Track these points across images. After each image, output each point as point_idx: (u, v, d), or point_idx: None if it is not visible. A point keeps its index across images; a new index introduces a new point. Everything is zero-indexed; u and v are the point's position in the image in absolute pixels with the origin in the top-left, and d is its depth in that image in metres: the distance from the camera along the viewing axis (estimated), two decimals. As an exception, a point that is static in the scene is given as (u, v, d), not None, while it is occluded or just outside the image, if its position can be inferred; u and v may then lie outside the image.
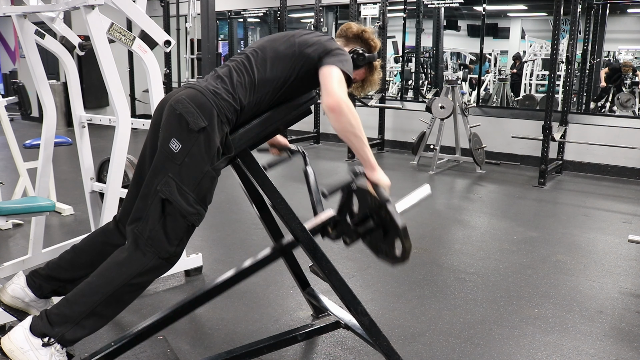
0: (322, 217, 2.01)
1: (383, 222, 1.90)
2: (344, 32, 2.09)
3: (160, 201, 1.74)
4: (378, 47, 2.10)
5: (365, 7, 7.47)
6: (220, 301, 2.91)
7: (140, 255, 1.74)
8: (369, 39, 2.07)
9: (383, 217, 1.88)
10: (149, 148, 1.87)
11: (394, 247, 1.90)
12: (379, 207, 1.87)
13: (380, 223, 1.91)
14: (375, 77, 2.12)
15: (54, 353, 1.67)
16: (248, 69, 1.88)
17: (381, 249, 1.97)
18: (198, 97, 1.77)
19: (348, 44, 2.06)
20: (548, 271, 3.39)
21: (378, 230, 1.94)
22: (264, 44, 1.97)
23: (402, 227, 1.80)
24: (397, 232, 1.83)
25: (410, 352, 2.42)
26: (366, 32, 2.07)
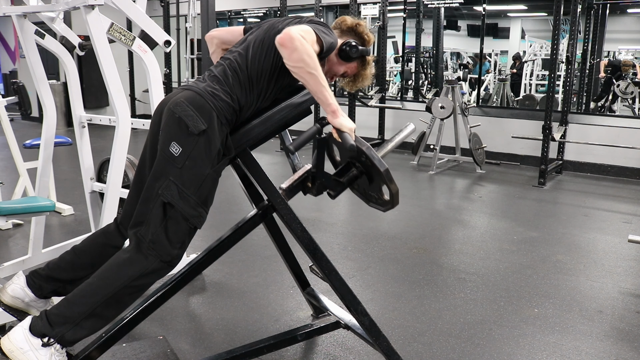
0: (298, 173, 1.96)
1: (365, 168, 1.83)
2: (339, 24, 2.07)
3: (162, 205, 1.73)
4: (372, 41, 2.07)
5: (365, 7, 7.47)
6: (220, 301, 2.91)
7: (142, 258, 1.74)
8: (363, 33, 2.04)
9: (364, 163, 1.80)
10: (149, 151, 1.87)
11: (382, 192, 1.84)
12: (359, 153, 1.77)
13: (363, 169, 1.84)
14: (368, 72, 2.08)
15: (54, 353, 1.67)
16: (242, 65, 1.86)
17: (370, 196, 1.93)
18: (197, 100, 1.77)
19: (342, 36, 2.04)
20: (548, 271, 3.39)
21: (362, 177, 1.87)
22: (251, 38, 1.95)
23: (384, 170, 1.73)
24: (380, 177, 1.77)
25: (410, 352, 2.42)
26: (360, 25, 2.05)
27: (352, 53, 1.99)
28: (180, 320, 2.71)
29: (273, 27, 1.92)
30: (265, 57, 1.86)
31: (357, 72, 2.07)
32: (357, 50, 2.00)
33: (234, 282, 3.16)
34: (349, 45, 1.98)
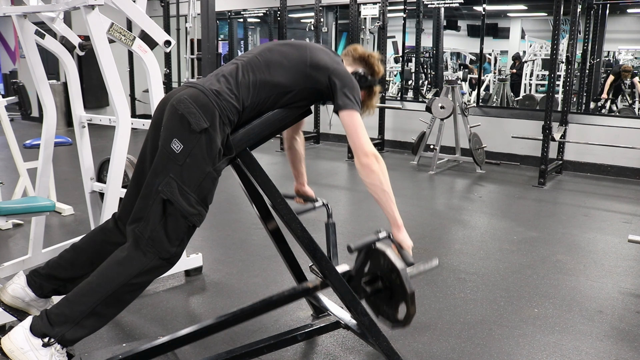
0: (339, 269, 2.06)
1: (392, 285, 1.96)
2: (350, 52, 2.12)
3: (162, 202, 1.74)
4: (381, 74, 2.13)
5: (365, 7, 7.47)
6: (220, 301, 2.91)
7: (140, 255, 1.74)
8: (374, 65, 2.10)
9: (393, 280, 1.94)
10: (150, 147, 1.86)
11: (397, 311, 1.97)
12: (391, 270, 1.94)
13: (389, 285, 1.98)
14: (373, 103, 2.14)
15: (54, 353, 1.67)
16: (255, 69, 1.88)
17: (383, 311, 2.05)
18: (200, 98, 1.77)
19: (352, 64, 2.09)
20: (548, 271, 3.39)
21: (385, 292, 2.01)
22: (274, 47, 1.99)
23: (411, 292, 1.87)
24: (404, 297, 1.90)
25: (410, 352, 2.42)
26: (372, 57, 2.11)
27: (362, 83, 2.04)
28: (180, 320, 2.71)
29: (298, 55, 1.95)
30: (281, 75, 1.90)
31: (363, 101, 2.09)
32: (367, 81, 2.07)
33: (234, 282, 3.16)
34: (359, 75, 2.05)
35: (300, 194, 2.41)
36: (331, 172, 6.38)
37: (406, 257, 1.91)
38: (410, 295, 1.86)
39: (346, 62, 2.09)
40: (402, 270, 1.90)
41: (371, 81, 2.08)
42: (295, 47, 1.99)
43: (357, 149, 1.88)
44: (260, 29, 12.10)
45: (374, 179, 1.86)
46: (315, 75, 1.92)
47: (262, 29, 12.04)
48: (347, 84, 1.91)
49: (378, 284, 2.05)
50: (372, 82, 2.09)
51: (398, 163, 6.88)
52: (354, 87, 1.93)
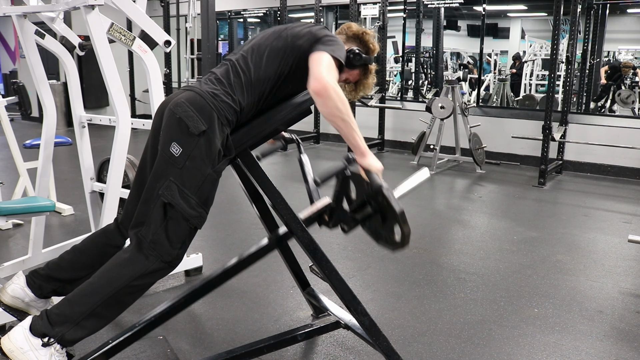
0: (317, 205, 1.99)
1: (380, 208, 1.87)
2: (344, 30, 2.09)
3: (163, 205, 1.74)
4: (376, 51, 2.09)
5: (365, 7, 7.47)
6: (220, 301, 2.91)
7: (142, 258, 1.74)
8: (368, 42, 2.06)
9: (380, 203, 1.85)
10: (150, 152, 1.87)
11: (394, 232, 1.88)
12: (376, 193, 1.84)
13: (378, 208, 1.89)
14: (370, 81, 2.10)
15: (54, 353, 1.67)
16: (244, 68, 1.87)
17: (381, 235, 1.96)
18: (197, 100, 1.77)
19: (347, 42, 2.05)
20: (548, 271, 3.39)
21: (376, 216, 1.92)
22: (257, 41, 1.96)
23: (400, 211, 1.78)
24: (395, 217, 1.81)
25: (410, 352, 2.42)
26: (367, 34, 2.07)
27: (356, 60, 2.00)
28: (180, 320, 2.71)
29: (280, 35, 1.93)
30: (271, 62, 1.88)
31: (359, 80, 2.08)
32: (361, 58, 2.02)
33: (234, 282, 3.15)
34: (353, 52, 2.00)
35: None
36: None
37: (374, 179, 1.81)
38: (400, 215, 1.78)
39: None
40: (386, 190, 1.81)
41: (366, 59, 2.04)
42: (274, 32, 1.97)
43: (312, 75, 1.75)
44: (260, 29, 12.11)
45: (331, 107, 1.74)
46: (300, 43, 1.87)
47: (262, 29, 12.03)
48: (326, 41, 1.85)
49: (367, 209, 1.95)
50: (367, 60, 2.04)
51: (398, 163, 6.88)
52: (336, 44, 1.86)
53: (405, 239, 1.84)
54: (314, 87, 1.74)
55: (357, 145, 1.83)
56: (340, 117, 1.76)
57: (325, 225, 2.02)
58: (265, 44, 1.92)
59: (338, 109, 1.75)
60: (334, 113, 1.75)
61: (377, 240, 1.98)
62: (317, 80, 1.73)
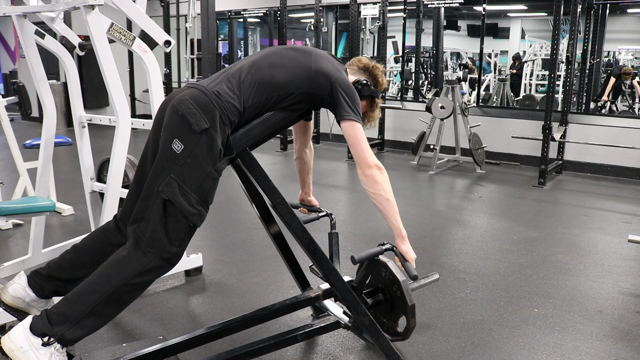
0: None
1: (392, 297, 1.98)
2: (355, 62, 2.15)
3: (162, 202, 1.74)
4: (384, 86, 2.16)
5: (365, 7, 7.47)
6: (220, 301, 2.91)
7: (141, 256, 1.74)
8: (377, 75, 2.13)
9: (393, 292, 1.96)
10: (151, 148, 1.87)
11: (397, 323, 1.99)
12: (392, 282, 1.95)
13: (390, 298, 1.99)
14: (375, 115, 2.15)
15: (54, 352, 1.67)
16: (258, 70, 1.90)
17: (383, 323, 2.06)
18: (201, 98, 1.78)
19: (356, 73, 2.11)
20: (548, 271, 3.39)
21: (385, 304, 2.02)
22: (281, 51, 2.01)
23: (411, 305, 1.88)
24: (404, 309, 1.91)
25: (410, 352, 2.42)
26: (377, 68, 2.13)
27: (364, 91, 2.06)
28: (180, 320, 2.71)
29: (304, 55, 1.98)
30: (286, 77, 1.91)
31: (365, 113, 2.10)
32: (369, 89, 2.08)
33: (234, 282, 3.16)
34: (361, 83, 2.06)
35: (305, 204, 2.43)
36: (331, 172, 6.38)
37: (409, 269, 1.90)
38: (410, 308, 1.88)
39: (350, 72, 2.11)
40: (403, 282, 1.91)
41: (373, 92, 2.10)
42: (299, 52, 2.01)
43: (361, 161, 1.90)
44: (260, 29, 12.10)
45: (378, 189, 1.88)
46: (318, 80, 1.93)
47: (262, 29, 12.04)
48: (348, 94, 1.93)
49: (379, 296, 2.06)
50: (374, 93, 2.10)
51: (398, 163, 6.88)
52: (355, 98, 1.95)
53: (409, 332, 1.95)
54: (368, 174, 1.88)
55: (398, 228, 1.94)
56: (385, 197, 1.89)
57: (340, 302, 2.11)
58: (287, 54, 1.97)
59: (385, 191, 1.89)
60: (380, 193, 1.89)
61: None
62: (369, 166, 1.88)
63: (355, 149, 1.91)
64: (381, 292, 2.05)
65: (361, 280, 2.06)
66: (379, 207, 1.92)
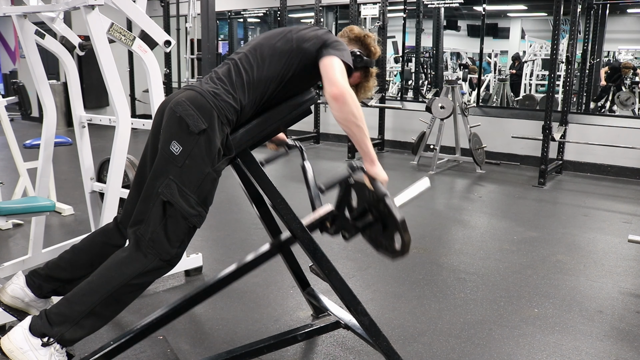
0: (320, 212, 2.00)
1: (382, 216, 1.89)
2: (346, 33, 2.10)
3: (162, 203, 1.74)
4: (377, 54, 2.10)
5: (365, 7, 7.47)
6: (220, 301, 2.91)
7: (141, 257, 1.74)
8: (370, 45, 2.08)
9: (381, 211, 1.87)
10: (150, 150, 1.87)
11: (394, 240, 1.89)
12: (378, 201, 1.85)
13: (379, 217, 1.90)
14: (370, 84, 2.10)
15: (54, 353, 1.67)
16: (246, 67, 1.88)
17: (381, 243, 1.97)
18: (198, 99, 1.77)
19: (348, 45, 2.04)
20: (548, 271, 3.39)
21: (377, 224, 1.93)
22: (260, 41, 1.97)
23: (401, 220, 1.79)
24: (395, 226, 1.82)
25: (410, 352, 2.42)
26: (369, 37, 2.08)
27: (357, 62, 2.01)
28: (180, 320, 2.70)
29: (285, 37, 1.93)
30: (274, 63, 1.88)
31: (360, 83, 2.08)
32: (362, 60, 2.03)
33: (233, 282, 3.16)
34: (354, 54, 2.01)
35: (273, 139, 2.33)
36: (331, 172, 6.39)
37: (378, 188, 1.82)
38: (401, 223, 1.80)
39: None
40: (388, 198, 1.82)
41: (367, 61, 2.05)
42: (279, 33, 1.97)
43: (329, 80, 1.78)
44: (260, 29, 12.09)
45: (347, 112, 1.77)
46: (304, 46, 1.88)
47: (262, 29, 12.03)
48: (335, 46, 1.86)
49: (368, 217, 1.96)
50: (368, 63, 2.05)
51: (398, 163, 6.88)
52: (344, 49, 1.88)
53: (406, 247, 1.86)
54: (331, 92, 1.77)
55: (368, 152, 1.86)
56: (355, 122, 1.79)
57: (327, 232, 2.03)
58: (269, 44, 1.93)
59: (353, 115, 1.78)
60: (349, 118, 1.78)
61: (377, 248, 2.00)
62: (335, 85, 1.76)
63: (327, 69, 1.79)
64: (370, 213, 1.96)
65: (339, 206, 1.98)
66: (349, 133, 1.82)
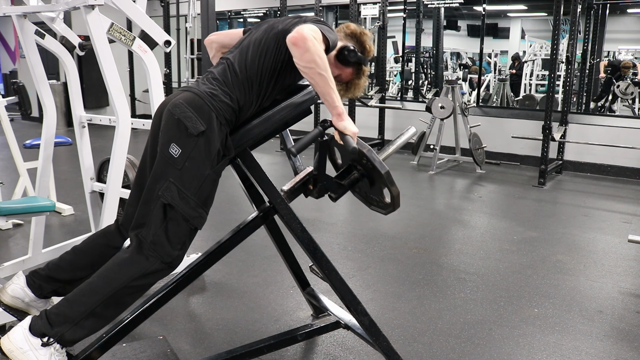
0: (300, 175, 1.97)
1: (366, 171, 1.84)
2: (342, 29, 2.07)
3: (162, 206, 1.74)
4: (372, 53, 2.07)
5: (365, 7, 7.47)
6: (220, 301, 2.91)
7: (143, 259, 1.74)
8: (365, 42, 2.05)
9: (365, 165, 1.82)
10: (150, 153, 1.87)
11: (383, 195, 1.85)
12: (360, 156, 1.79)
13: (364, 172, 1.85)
14: (362, 82, 2.07)
15: (54, 353, 1.67)
16: (241, 66, 1.86)
17: (372, 199, 1.94)
18: (196, 101, 1.77)
19: (343, 39, 2.03)
20: (548, 271, 3.39)
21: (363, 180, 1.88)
22: (250, 38, 1.95)
23: (385, 173, 1.75)
24: (381, 179, 1.78)
25: (410, 352, 2.42)
26: (364, 34, 2.05)
27: (350, 57, 1.97)
28: (180, 320, 2.71)
29: (272, 28, 1.92)
30: (265, 57, 1.87)
31: (351, 80, 2.05)
32: (355, 55, 1.99)
33: (234, 282, 3.16)
34: (348, 49, 1.98)
35: None
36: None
37: (348, 142, 1.76)
38: (386, 175, 1.74)
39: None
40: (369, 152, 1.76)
41: (360, 57, 2.00)
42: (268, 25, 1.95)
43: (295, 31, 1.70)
44: (260, 29, 12.08)
45: (308, 59, 1.68)
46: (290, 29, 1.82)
47: (262, 29, 12.02)
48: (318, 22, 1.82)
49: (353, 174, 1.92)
50: (361, 59, 2.01)
51: (398, 163, 6.88)
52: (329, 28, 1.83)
53: (395, 200, 1.80)
54: (291, 38, 1.69)
55: (333, 105, 1.77)
56: (317, 71, 1.70)
57: (312, 196, 1.97)
58: (260, 37, 1.91)
59: (315, 62, 1.69)
60: (310, 66, 1.70)
61: (369, 205, 1.96)
62: (296, 31, 1.69)
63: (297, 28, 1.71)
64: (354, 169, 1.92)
65: (319, 167, 1.93)
66: (312, 82, 1.74)
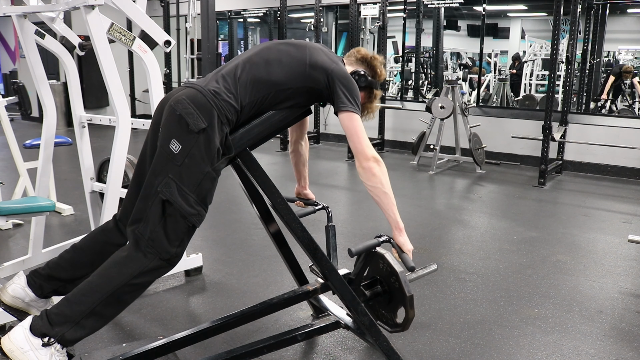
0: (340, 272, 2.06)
1: (390, 289, 1.98)
2: (353, 53, 2.13)
3: (161, 202, 1.74)
4: (383, 77, 2.12)
5: (365, 7, 7.47)
6: (220, 301, 2.91)
7: (141, 256, 1.74)
8: (376, 67, 2.09)
9: (391, 284, 1.96)
10: (149, 148, 1.87)
11: (396, 314, 1.99)
12: (390, 274, 1.94)
13: (388, 289, 2.00)
14: (374, 106, 2.12)
15: (54, 353, 1.67)
16: (253, 67, 1.89)
17: (382, 315, 2.07)
18: (198, 98, 1.77)
19: (354, 64, 2.09)
20: (548, 271, 3.39)
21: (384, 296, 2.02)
22: (275, 46, 1.99)
23: (410, 296, 1.89)
24: (403, 300, 1.91)
25: (410, 352, 2.42)
26: (376, 59, 2.10)
27: (361, 82, 2.02)
28: (181, 320, 2.71)
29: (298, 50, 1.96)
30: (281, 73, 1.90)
31: (364, 104, 2.08)
32: (366, 80, 2.04)
33: (234, 282, 3.16)
34: (359, 74, 2.03)
35: (301, 197, 2.42)
36: (331, 172, 6.38)
37: (406, 260, 1.90)
38: (409, 299, 1.88)
39: (347, 62, 2.09)
40: (401, 273, 1.91)
41: (372, 82, 2.06)
42: (294, 46, 1.99)
43: (358, 153, 1.89)
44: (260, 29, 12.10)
45: (375, 182, 1.87)
46: (314, 74, 1.91)
47: (262, 29, 12.04)
48: (346, 85, 1.90)
49: (377, 287, 2.05)
50: (372, 84, 2.07)
51: (398, 163, 6.88)
52: (354, 89, 1.92)
53: (408, 322, 1.94)
54: (365, 166, 1.87)
55: (395, 220, 1.93)
56: (383, 190, 1.88)
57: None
58: (285, 53, 1.95)
59: (381, 183, 1.88)
60: (376, 186, 1.88)
61: (375, 319, 2.08)
62: (367, 159, 1.87)
63: (353, 140, 1.89)
64: (379, 283, 2.05)
65: (359, 273, 2.05)
66: (377, 199, 1.91)
